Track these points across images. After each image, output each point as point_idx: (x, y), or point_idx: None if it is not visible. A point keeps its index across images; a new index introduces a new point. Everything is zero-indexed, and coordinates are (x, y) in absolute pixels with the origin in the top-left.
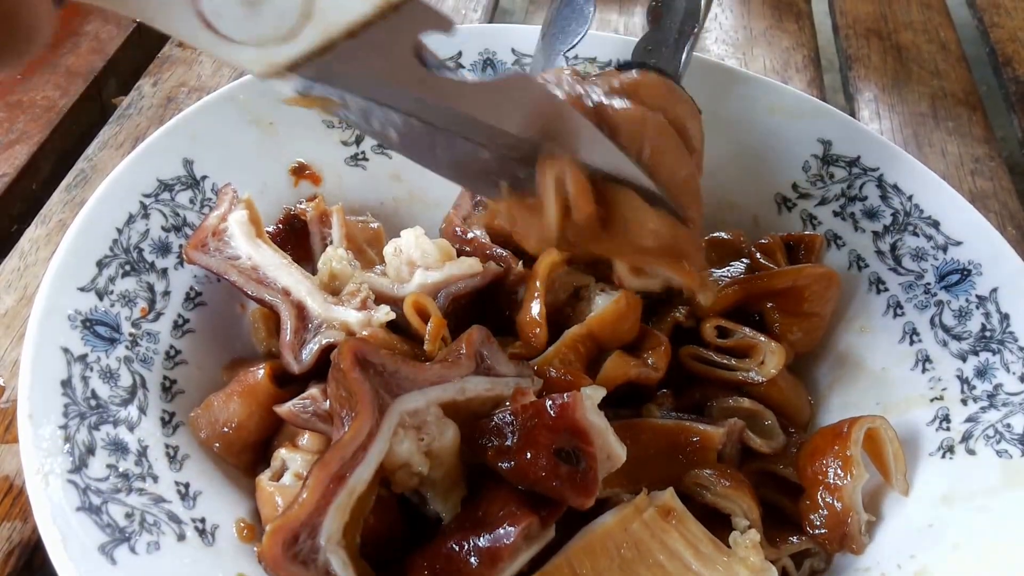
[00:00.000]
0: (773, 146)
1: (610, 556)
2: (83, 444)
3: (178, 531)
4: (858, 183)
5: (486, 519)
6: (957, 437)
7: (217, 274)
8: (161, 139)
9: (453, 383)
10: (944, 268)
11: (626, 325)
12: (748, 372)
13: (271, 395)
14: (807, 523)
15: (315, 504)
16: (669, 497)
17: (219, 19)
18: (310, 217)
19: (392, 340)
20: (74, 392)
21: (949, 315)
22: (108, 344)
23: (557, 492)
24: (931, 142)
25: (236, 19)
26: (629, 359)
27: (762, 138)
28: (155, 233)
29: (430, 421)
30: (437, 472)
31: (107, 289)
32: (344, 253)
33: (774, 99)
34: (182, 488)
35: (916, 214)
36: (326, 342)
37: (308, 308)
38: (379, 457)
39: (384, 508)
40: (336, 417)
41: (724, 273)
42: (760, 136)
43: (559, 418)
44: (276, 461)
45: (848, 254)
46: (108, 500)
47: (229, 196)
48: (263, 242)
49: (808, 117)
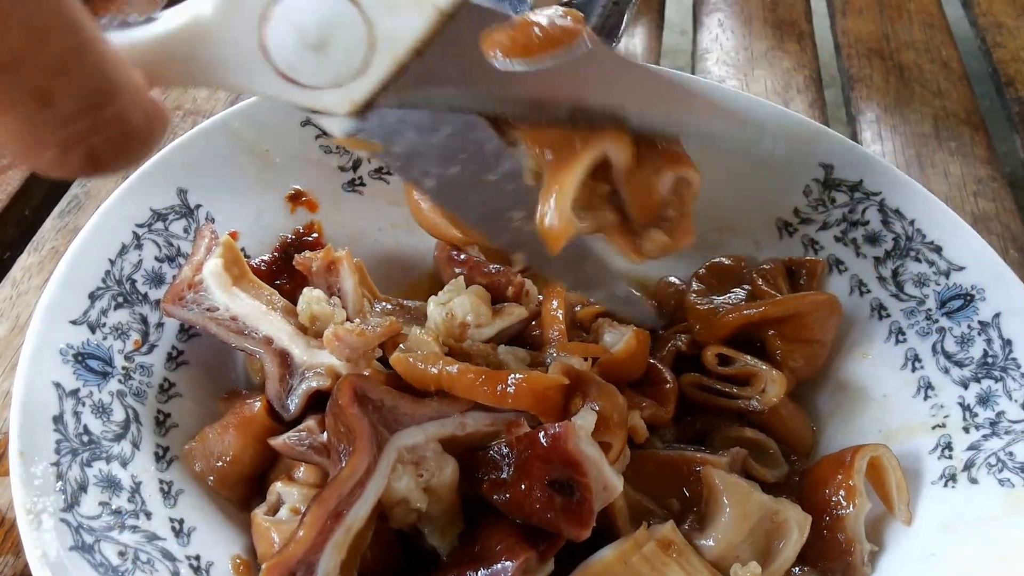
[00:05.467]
0: (774, 170)
1: None
2: (75, 481)
3: (172, 569)
4: (860, 208)
5: (484, 553)
6: (959, 465)
7: (195, 327)
8: (155, 168)
9: (453, 418)
10: (946, 294)
11: (637, 363)
12: (750, 400)
13: (267, 428)
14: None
15: (312, 542)
16: (669, 530)
17: (295, 71)
18: (315, 269)
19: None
20: (66, 428)
21: (951, 341)
22: (100, 378)
23: (553, 524)
24: (933, 163)
25: (309, 66)
26: (639, 402)
27: (763, 162)
28: (148, 264)
29: (429, 457)
30: (436, 508)
31: (99, 322)
32: (322, 294)
33: (775, 122)
34: (176, 524)
35: (918, 239)
36: (312, 388)
37: (291, 355)
38: (377, 493)
39: (381, 543)
40: (334, 452)
41: (725, 300)
42: (761, 160)
43: (551, 449)
44: (272, 495)
45: (850, 279)
46: (101, 539)
47: (205, 241)
48: (240, 289)
49: (810, 141)
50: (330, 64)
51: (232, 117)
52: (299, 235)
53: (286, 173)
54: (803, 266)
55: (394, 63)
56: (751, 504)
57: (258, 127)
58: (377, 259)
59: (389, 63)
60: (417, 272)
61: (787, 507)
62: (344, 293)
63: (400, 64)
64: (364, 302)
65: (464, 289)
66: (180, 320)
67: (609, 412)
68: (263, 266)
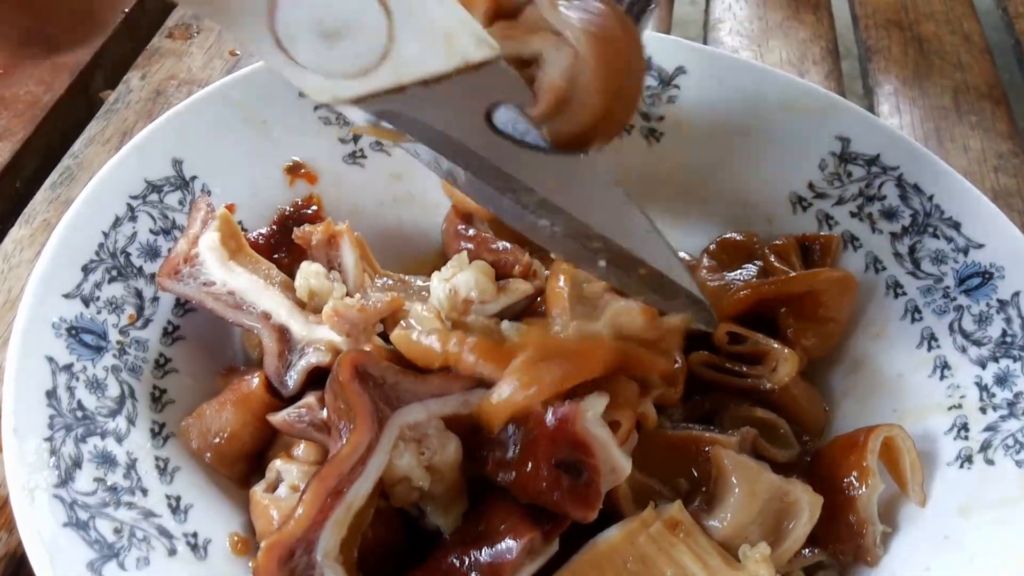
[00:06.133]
0: (789, 143)
1: (616, 571)
2: (69, 457)
3: (169, 546)
4: (877, 182)
5: (487, 533)
6: (976, 446)
7: (192, 302)
8: (149, 138)
9: (456, 396)
10: (965, 271)
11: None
12: (761, 379)
13: (265, 404)
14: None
15: (311, 519)
16: (677, 510)
17: (292, 44)
18: (315, 243)
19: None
20: (59, 403)
21: (969, 320)
22: (94, 353)
23: (558, 505)
24: (953, 137)
25: (311, 48)
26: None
27: (778, 135)
28: (143, 236)
29: (431, 434)
30: (438, 486)
31: (93, 295)
32: (322, 268)
33: (790, 94)
34: (173, 501)
35: (936, 215)
36: (311, 364)
37: (290, 330)
38: (378, 471)
39: (383, 522)
40: (334, 429)
41: (736, 276)
42: (776, 133)
43: (559, 430)
44: (271, 472)
45: (865, 256)
46: (96, 515)
47: (201, 213)
48: (237, 263)
49: (826, 114)
50: (334, 56)
51: (229, 86)
52: (298, 208)
53: (284, 144)
54: (817, 242)
55: (396, 82)
56: (761, 484)
57: (256, 97)
58: (379, 234)
59: (391, 80)
60: (420, 248)
61: (798, 488)
62: (344, 268)
63: (400, 84)
64: (365, 277)
65: (468, 265)
66: (176, 294)
67: (618, 390)
68: (261, 240)
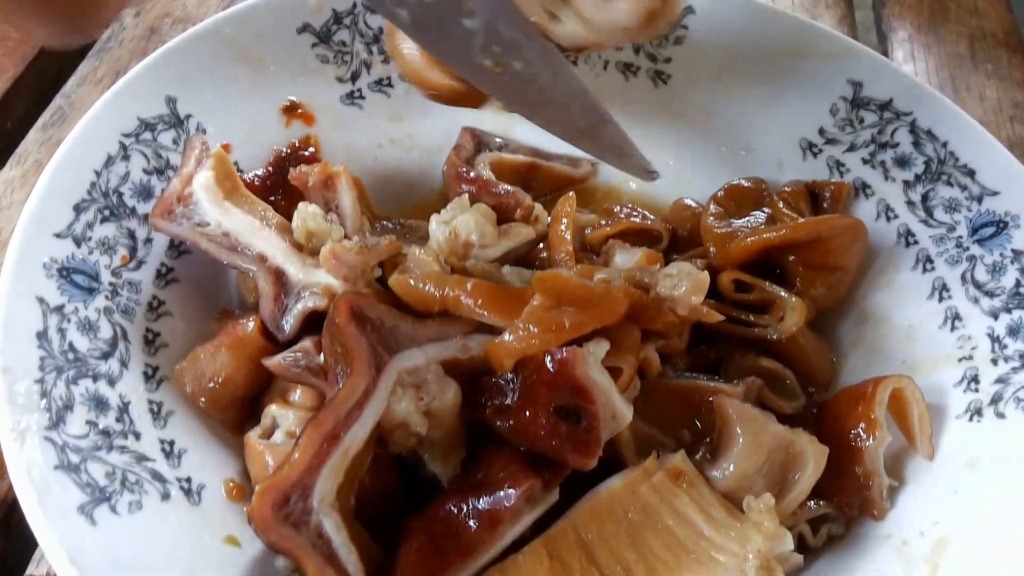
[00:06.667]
0: (799, 87)
1: (617, 520)
2: (60, 399)
3: (162, 490)
4: (889, 128)
5: (486, 481)
6: (986, 399)
7: (186, 243)
8: (142, 75)
9: (455, 340)
10: (978, 220)
11: None
12: (767, 328)
13: (260, 348)
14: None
15: (307, 464)
16: (680, 460)
17: None
18: (312, 184)
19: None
20: (50, 345)
21: (982, 270)
22: (86, 294)
23: (557, 452)
24: (968, 86)
25: None
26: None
27: (788, 79)
28: (136, 176)
29: (430, 380)
30: (436, 433)
31: (85, 235)
32: (319, 210)
33: (801, 37)
34: (166, 446)
35: (951, 162)
36: (308, 307)
37: (286, 273)
38: (376, 416)
39: (380, 469)
40: (330, 373)
41: (743, 223)
42: (786, 76)
43: (559, 375)
44: (266, 418)
45: (877, 204)
46: (87, 458)
47: (196, 151)
48: (232, 204)
49: (837, 57)
50: None
51: (224, 23)
52: (294, 149)
53: (281, 83)
54: (827, 189)
55: None
56: (766, 435)
57: (252, 34)
58: (377, 177)
59: None
60: (420, 192)
61: (803, 438)
62: (342, 210)
63: None
64: (363, 220)
65: (469, 207)
66: (169, 235)
67: (620, 337)
68: (256, 181)
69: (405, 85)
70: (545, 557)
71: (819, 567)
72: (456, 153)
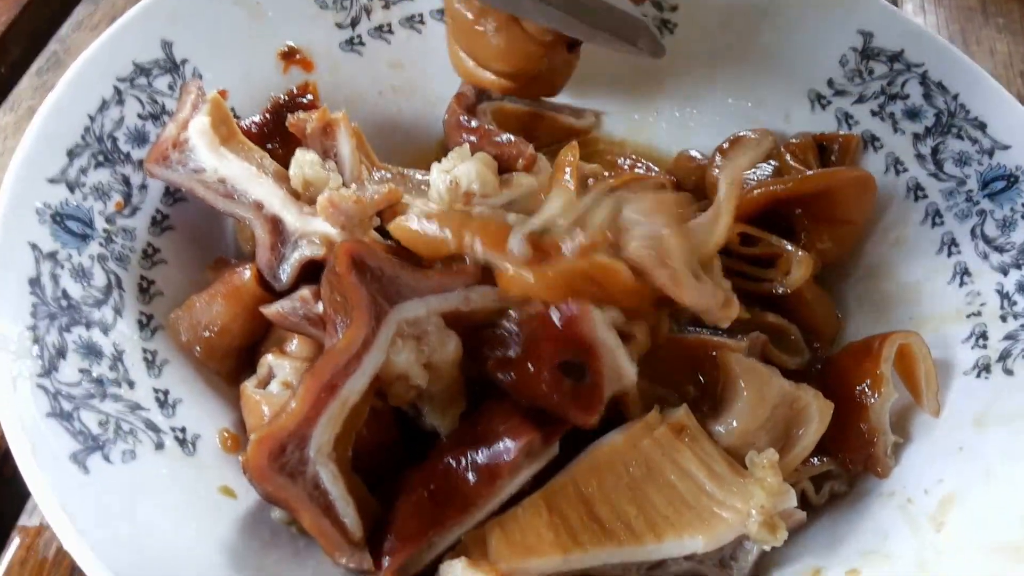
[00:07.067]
0: (808, 38)
1: (617, 475)
2: (53, 347)
3: (156, 440)
4: (900, 80)
5: (486, 434)
6: (994, 356)
7: (181, 189)
8: (138, 19)
9: (457, 292)
10: (989, 174)
11: None
12: (773, 282)
13: (257, 297)
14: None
15: (305, 414)
16: (683, 414)
17: None
18: (310, 131)
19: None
20: (43, 291)
21: (992, 225)
22: (80, 241)
23: (559, 408)
24: (979, 39)
25: None
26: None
27: (796, 28)
28: (131, 121)
29: (431, 331)
30: (436, 385)
31: (79, 181)
32: (317, 157)
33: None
34: (161, 395)
35: (961, 115)
36: (305, 256)
37: (283, 222)
38: (375, 367)
39: (378, 421)
40: (330, 323)
41: (750, 175)
42: (794, 26)
43: (566, 330)
44: (262, 368)
45: (886, 157)
46: (80, 406)
47: (192, 96)
48: (229, 150)
49: (847, 6)
50: None
51: None
52: (292, 96)
53: (279, 28)
54: (835, 142)
55: None
56: (770, 389)
57: None
58: (377, 126)
59: None
60: (421, 142)
61: (808, 393)
62: (340, 157)
63: None
64: (362, 169)
65: (470, 157)
66: (164, 181)
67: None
68: (253, 128)
69: (406, 31)
70: (544, 511)
71: (821, 525)
72: (457, 101)
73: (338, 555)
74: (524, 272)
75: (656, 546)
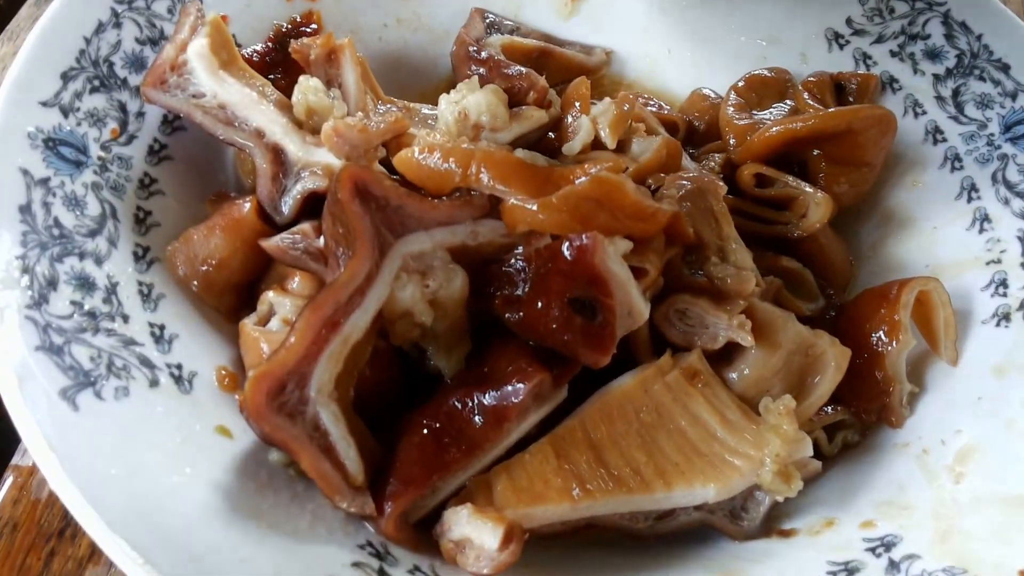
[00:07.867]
0: None
1: (627, 420)
2: (44, 277)
3: (151, 376)
4: (921, 19)
5: (493, 376)
6: (1015, 304)
7: (180, 115)
8: None
9: (464, 225)
10: (1012, 118)
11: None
12: (788, 225)
13: (257, 231)
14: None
15: (305, 350)
16: (696, 359)
17: None
18: (314, 58)
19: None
20: (34, 219)
21: (1014, 170)
22: (74, 168)
23: (569, 347)
24: None
25: None
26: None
27: None
28: (128, 45)
29: (436, 266)
30: (441, 324)
31: (73, 106)
32: (320, 84)
33: None
34: (156, 330)
35: (984, 56)
36: (308, 189)
37: (285, 151)
38: (378, 303)
39: (381, 360)
40: (331, 256)
41: (766, 115)
42: None
43: (576, 263)
44: (262, 305)
45: (904, 99)
46: (71, 340)
47: (191, 19)
48: (229, 75)
49: None
50: None
51: None
52: (296, 25)
53: None
54: (853, 81)
55: None
56: (785, 335)
57: None
58: (382, 60)
59: None
60: (427, 77)
61: (824, 340)
62: (345, 86)
63: None
64: (367, 101)
65: (479, 89)
66: (162, 107)
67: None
68: (255, 57)
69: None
70: (552, 456)
71: (834, 475)
72: (466, 32)
73: (338, 499)
74: (528, 202)
75: (666, 494)
